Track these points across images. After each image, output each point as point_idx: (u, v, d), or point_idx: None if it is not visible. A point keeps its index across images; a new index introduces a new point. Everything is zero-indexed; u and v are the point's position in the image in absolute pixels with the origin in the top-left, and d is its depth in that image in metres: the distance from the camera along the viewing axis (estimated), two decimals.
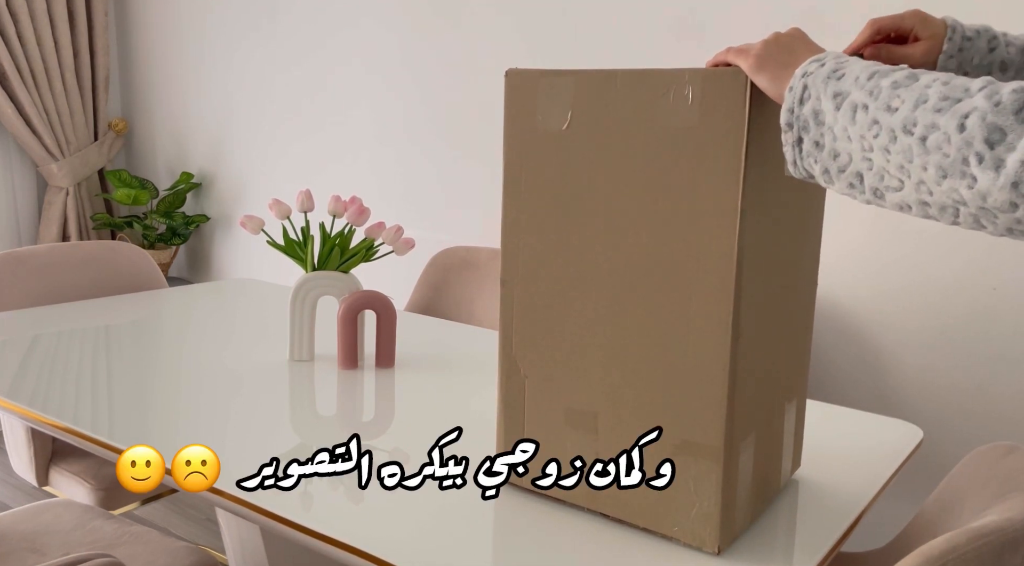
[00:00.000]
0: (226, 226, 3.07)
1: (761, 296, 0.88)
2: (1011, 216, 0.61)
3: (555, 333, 0.94)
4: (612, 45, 2.07)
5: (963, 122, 0.61)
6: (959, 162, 0.62)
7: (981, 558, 0.76)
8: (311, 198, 1.47)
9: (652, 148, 0.84)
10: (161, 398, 1.28)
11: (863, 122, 0.68)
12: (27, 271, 1.87)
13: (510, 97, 0.93)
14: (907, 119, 0.65)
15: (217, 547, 2.15)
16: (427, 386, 1.37)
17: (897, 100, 0.66)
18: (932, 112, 0.63)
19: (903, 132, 0.65)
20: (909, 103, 0.65)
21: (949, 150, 0.62)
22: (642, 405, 0.89)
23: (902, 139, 0.65)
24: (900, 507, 1.73)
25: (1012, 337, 1.64)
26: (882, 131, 0.66)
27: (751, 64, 0.78)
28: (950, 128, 0.62)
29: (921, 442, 1.20)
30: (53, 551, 1.29)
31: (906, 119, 0.65)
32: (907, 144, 0.65)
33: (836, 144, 0.71)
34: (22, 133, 2.89)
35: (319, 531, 0.90)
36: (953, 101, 0.63)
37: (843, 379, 1.84)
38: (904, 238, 1.73)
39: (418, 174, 2.51)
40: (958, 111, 0.62)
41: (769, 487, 0.98)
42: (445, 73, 2.40)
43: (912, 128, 0.64)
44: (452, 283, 2.05)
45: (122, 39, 3.26)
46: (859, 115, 0.68)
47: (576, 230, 0.90)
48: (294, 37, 2.73)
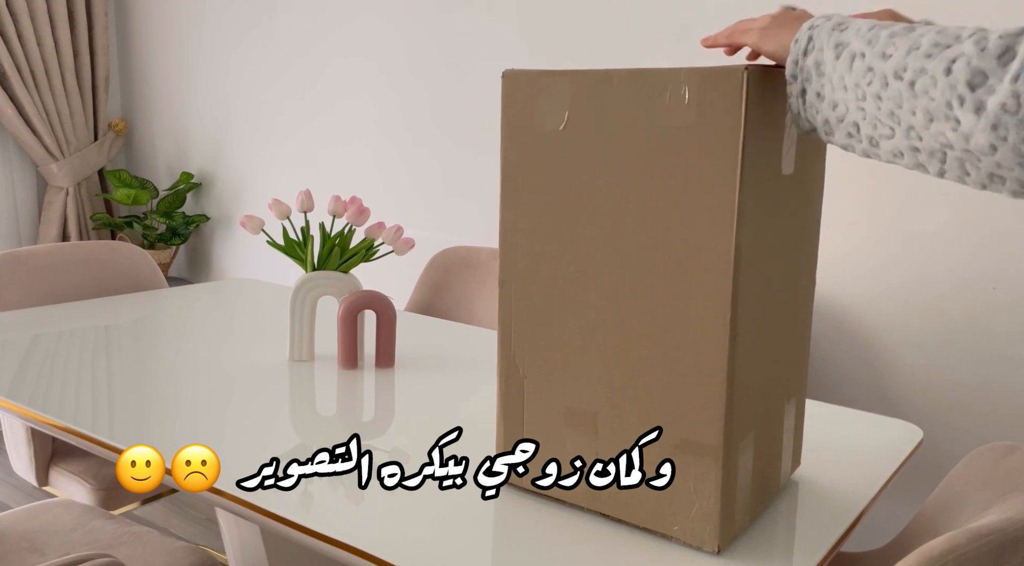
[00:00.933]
0: (226, 226, 3.07)
1: (759, 295, 0.88)
2: (991, 160, 0.62)
3: (554, 333, 0.94)
4: (612, 42, 2.07)
5: (950, 66, 0.63)
6: (944, 106, 0.63)
7: (981, 558, 0.76)
8: (311, 198, 1.47)
9: (649, 148, 0.84)
10: (161, 398, 1.28)
11: (859, 70, 0.70)
12: (27, 271, 1.88)
13: (507, 98, 0.93)
14: (899, 65, 0.67)
15: (217, 547, 2.15)
16: (427, 386, 1.37)
17: (892, 47, 0.68)
18: (923, 58, 0.65)
19: (894, 78, 0.67)
20: (902, 50, 0.67)
21: (935, 94, 0.64)
22: (641, 405, 0.89)
23: (893, 85, 0.67)
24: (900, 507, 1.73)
25: (1012, 337, 1.64)
26: (875, 78, 0.68)
27: (759, 34, 0.80)
28: (937, 72, 0.64)
29: (921, 442, 1.20)
30: (53, 551, 1.29)
31: (898, 65, 0.67)
32: (897, 89, 0.66)
33: (835, 94, 0.73)
34: (22, 133, 2.89)
35: (319, 531, 0.90)
36: (943, 47, 0.64)
37: (843, 379, 1.84)
38: (904, 238, 1.73)
39: (419, 173, 2.51)
40: (946, 56, 0.64)
41: (769, 486, 0.98)
42: (446, 71, 2.39)
43: (903, 73, 0.66)
44: (452, 283, 2.05)
45: (122, 39, 3.26)
46: (856, 63, 0.70)
47: (574, 230, 0.91)
48: (293, 36, 2.73)
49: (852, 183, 1.77)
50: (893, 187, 1.73)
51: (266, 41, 2.81)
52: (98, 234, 3.16)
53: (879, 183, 1.75)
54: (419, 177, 2.50)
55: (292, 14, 2.71)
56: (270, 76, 2.82)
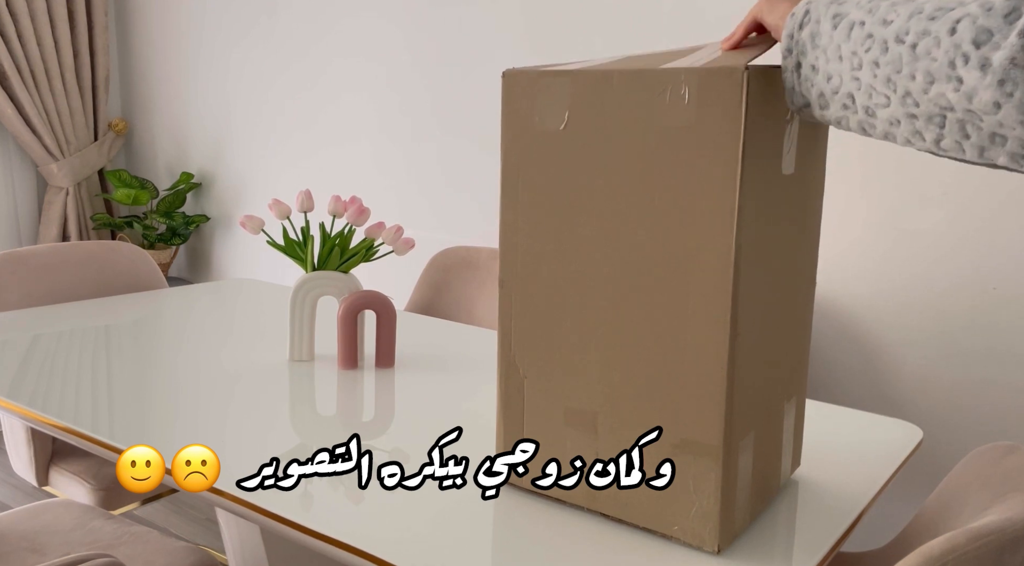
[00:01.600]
0: (226, 226, 3.07)
1: (759, 294, 0.88)
2: (994, 118, 0.62)
3: (554, 333, 0.94)
4: (613, 41, 2.07)
5: (954, 26, 0.63)
6: (946, 66, 0.63)
7: (981, 558, 0.76)
8: (311, 198, 1.47)
9: (649, 147, 0.84)
10: (161, 398, 1.28)
11: (858, 38, 0.70)
12: (27, 271, 1.87)
13: (507, 97, 0.93)
14: (900, 29, 0.66)
15: (217, 547, 2.15)
16: (427, 386, 1.37)
17: (893, 14, 0.68)
18: (926, 20, 0.65)
19: (895, 42, 0.67)
20: (904, 14, 0.67)
21: (937, 54, 0.64)
22: (641, 404, 0.89)
23: (893, 49, 0.67)
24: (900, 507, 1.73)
25: (1012, 337, 1.64)
26: (875, 44, 0.68)
27: (767, 4, 0.81)
28: (941, 32, 0.64)
29: (921, 442, 1.20)
30: (53, 551, 1.29)
31: (899, 29, 0.67)
32: (897, 53, 0.66)
33: (829, 66, 0.73)
34: (22, 133, 2.89)
35: (319, 531, 0.90)
36: (947, 10, 0.64)
37: (843, 379, 1.84)
38: (904, 237, 1.73)
39: (419, 173, 2.51)
40: (951, 17, 0.63)
41: (769, 486, 0.98)
42: (446, 70, 2.39)
43: (904, 36, 0.66)
44: (452, 283, 2.05)
45: (122, 39, 3.26)
46: (855, 31, 0.70)
47: (574, 230, 0.90)
48: (293, 35, 2.73)
49: (852, 183, 1.77)
50: (893, 187, 1.73)
51: (266, 41, 2.81)
52: (98, 234, 3.16)
53: (879, 183, 1.75)
54: (420, 177, 2.50)
55: (292, 13, 2.71)
56: (270, 76, 2.82)
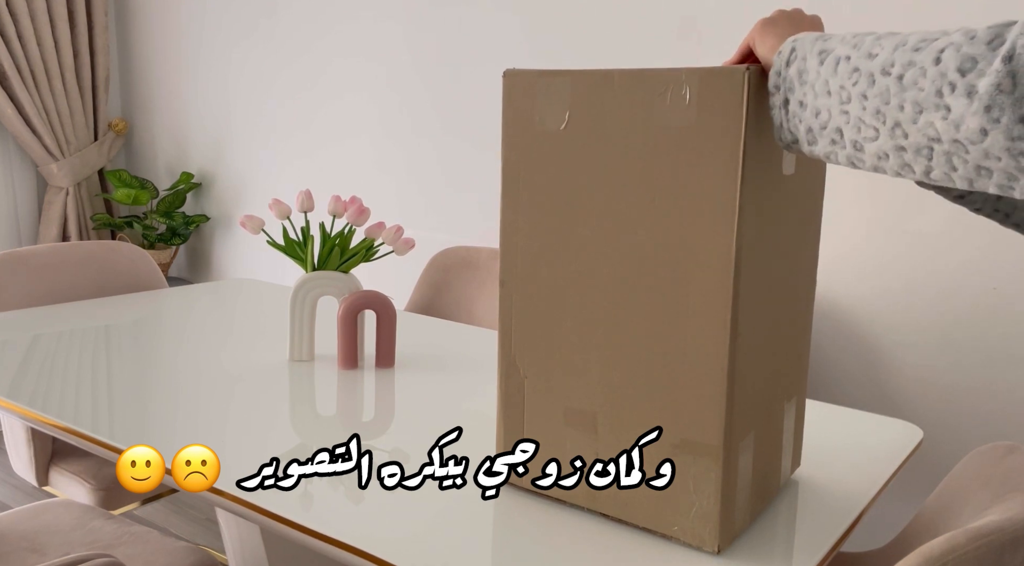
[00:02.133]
0: (226, 226, 3.07)
1: (760, 295, 0.88)
2: (980, 148, 0.62)
3: (554, 333, 0.94)
4: (613, 41, 2.07)
5: (939, 56, 0.63)
6: (933, 94, 0.63)
7: (981, 558, 0.76)
8: (311, 198, 1.47)
9: (650, 148, 0.84)
10: (161, 398, 1.28)
11: (844, 72, 0.71)
12: (27, 271, 1.88)
13: (508, 98, 0.93)
14: (886, 61, 0.67)
15: (217, 547, 2.15)
16: (427, 386, 1.37)
17: (878, 47, 0.68)
18: (911, 51, 0.65)
19: (881, 74, 0.67)
20: (889, 47, 0.68)
21: (924, 84, 0.64)
22: (641, 405, 0.89)
23: (880, 81, 0.67)
24: (900, 507, 1.73)
25: (1012, 337, 1.64)
26: (861, 77, 0.69)
27: (758, 30, 0.81)
28: (927, 62, 0.64)
29: (921, 442, 1.20)
30: (53, 551, 1.29)
31: (885, 61, 0.67)
32: (885, 85, 0.67)
33: (817, 101, 0.73)
34: (22, 133, 2.89)
35: (319, 531, 0.90)
36: (930, 40, 0.65)
37: (843, 379, 1.84)
38: (904, 238, 1.73)
39: (419, 173, 2.51)
40: (935, 47, 0.64)
41: (769, 486, 0.98)
42: (446, 70, 2.39)
43: (890, 69, 0.66)
44: (452, 283, 2.05)
45: (122, 39, 3.26)
46: (841, 66, 0.71)
47: (575, 230, 0.91)
48: (293, 36, 2.73)
49: (853, 183, 1.77)
50: (894, 187, 1.73)
51: (266, 41, 2.81)
52: (98, 234, 3.16)
53: (880, 183, 1.75)
54: (420, 177, 2.50)
55: (292, 13, 2.71)
56: (270, 76, 2.82)
